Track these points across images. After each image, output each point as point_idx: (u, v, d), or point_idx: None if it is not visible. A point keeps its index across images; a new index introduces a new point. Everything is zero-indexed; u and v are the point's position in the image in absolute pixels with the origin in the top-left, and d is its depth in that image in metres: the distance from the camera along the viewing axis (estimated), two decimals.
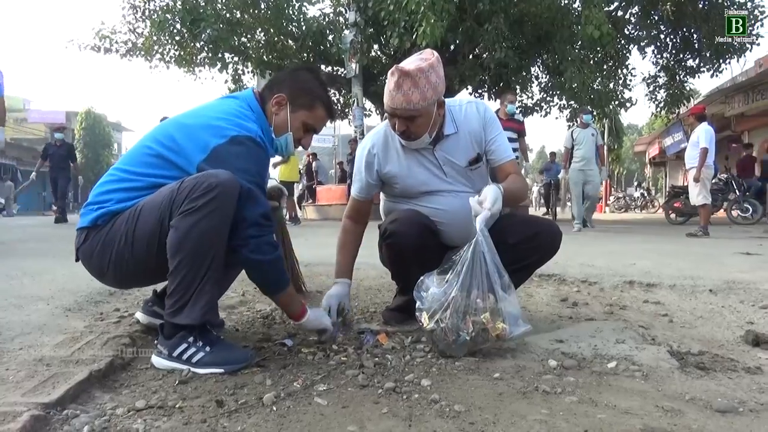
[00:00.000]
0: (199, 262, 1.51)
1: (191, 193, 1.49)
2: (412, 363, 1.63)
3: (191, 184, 1.50)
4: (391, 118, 1.92)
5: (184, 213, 1.49)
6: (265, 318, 2.23)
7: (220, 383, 1.45)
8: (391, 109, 1.86)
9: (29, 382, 1.32)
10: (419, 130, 1.91)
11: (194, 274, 1.51)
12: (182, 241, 1.49)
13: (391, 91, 1.83)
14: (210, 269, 1.52)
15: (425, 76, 1.80)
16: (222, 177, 1.50)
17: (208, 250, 1.51)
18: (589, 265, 3.68)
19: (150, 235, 1.56)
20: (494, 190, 1.79)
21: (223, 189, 1.49)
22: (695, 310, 2.48)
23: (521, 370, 1.56)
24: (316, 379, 1.47)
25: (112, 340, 1.70)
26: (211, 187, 1.48)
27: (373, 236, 2.17)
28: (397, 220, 1.96)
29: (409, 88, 1.79)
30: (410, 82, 1.79)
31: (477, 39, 10.99)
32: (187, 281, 1.51)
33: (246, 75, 13.68)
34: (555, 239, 2.04)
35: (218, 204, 1.49)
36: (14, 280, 2.80)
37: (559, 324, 2.16)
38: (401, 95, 1.80)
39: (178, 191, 1.52)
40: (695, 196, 7.36)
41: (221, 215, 1.50)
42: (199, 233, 1.49)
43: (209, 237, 1.50)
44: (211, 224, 1.49)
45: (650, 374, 1.53)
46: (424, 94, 1.80)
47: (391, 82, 1.82)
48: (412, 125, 1.88)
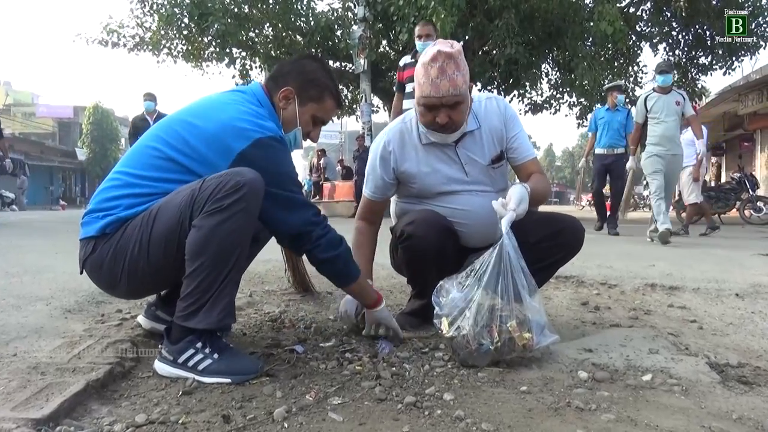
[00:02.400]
0: (222, 264, 1.41)
1: (215, 193, 1.39)
2: (432, 373, 1.52)
3: (215, 183, 1.40)
4: (428, 113, 1.79)
5: (209, 212, 1.39)
6: (273, 321, 2.12)
7: (227, 395, 1.34)
8: (435, 99, 1.73)
9: (21, 393, 1.23)
10: (460, 118, 1.81)
11: (215, 276, 1.41)
12: (206, 241, 1.39)
13: (434, 80, 1.71)
14: (232, 271, 1.43)
15: (462, 59, 1.73)
16: (248, 176, 1.41)
17: (232, 252, 1.42)
18: (607, 266, 3.56)
19: (168, 237, 1.44)
20: (520, 190, 1.68)
21: (250, 188, 1.40)
22: (724, 315, 2.36)
23: (550, 383, 1.45)
24: (329, 391, 1.36)
25: (113, 345, 1.60)
26: (238, 186, 1.39)
27: (382, 237, 2.06)
28: (414, 221, 1.85)
29: (454, 71, 1.70)
30: (454, 64, 1.70)
31: (487, 35, 10.86)
32: (207, 283, 1.40)
33: (254, 70, 13.61)
34: (578, 236, 1.94)
35: (245, 204, 1.40)
36: (14, 278, 2.71)
37: (584, 330, 2.05)
38: (447, 80, 1.70)
39: (200, 190, 1.41)
40: (688, 194, 7.29)
41: (248, 215, 1.42)
42: (224, 233, 1.39)
43: (235, 238, 1.41)
44: (237, 225, 1.40)
45: (690, 389, 1.41)
46: (465, 77, 1.74)
47: (434, 69, 1.70)
48: (455, 113, 1.77)
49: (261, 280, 2.98)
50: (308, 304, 2.45)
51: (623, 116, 7.06)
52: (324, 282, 2.94)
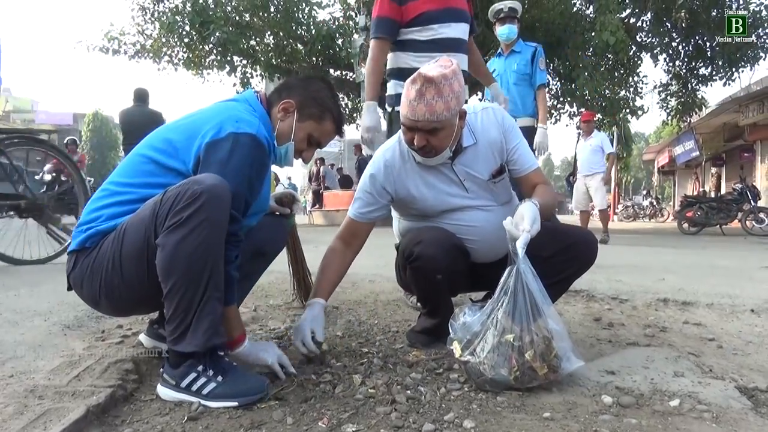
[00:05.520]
0: (195, 282, 1.32)
1: (174, 205, 1.31)
2: (449, 397, 1.45)
3: (174, 195, 1.32)
4: (408, 132, 1.71)
5: (170, 228, 1.30)
6: (279, 338, 2.05)
7: (234, 420, 1.28)
8: (410, 121, 1.65)
9: (18, 420, 1.15)
10: (441, 144, 1.70)
11: (191, 296, 1.32)
12: (172, 260, 1.30)
13: (411, 101, 1.62)
14: (208, 287, 1.33)
15: (449, 84, 1.60)
16: (207, 182, 1.32)
17: (203, 267, 1.32)
18: (616, 279, 3.50)
19: (138, 257, 1.37)
20: (532, 209, 1.61)
21: (210, 196, 1.30)
22: (742, 333, 2.30)
23: (573, 408, 1.38)
24: (343, 417, 1.29)
25: (114, 366, 1.53)
26: (195, 194, 1.30)
27: (382, 243, 1.98)
28: (422, 241, 1.76)
29: (433, 96, 1.59)
30: (434, 90, 1.58)
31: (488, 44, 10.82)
32: (185, 304, 1.32)
33: (254, 78, 13.59)
34: (591, 249, 1.87)
35: (207, 213, 1.30)
36: (11, 291, 2.63)
37: (600, 349, 1.98)
38: (423, 105, 1.60)
39: (161, 204, 1.33)
40: (600, 200, 7.35)
41: (212, 225, 1.32)
42: (188, 250, 1.30)
43: (202, 251, 1.31)
44: (202, 237, 1.30)
45: (721, 416, 1.34)
46: (448, 103, 1.60)
47: (412, 91, 1.61)
48: (434, 139, 1.68)
49: (265, 294, 2.91)
50: None
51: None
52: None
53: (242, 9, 11.98)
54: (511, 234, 1.55)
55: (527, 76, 4.48)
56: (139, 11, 12.54)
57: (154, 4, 12.35)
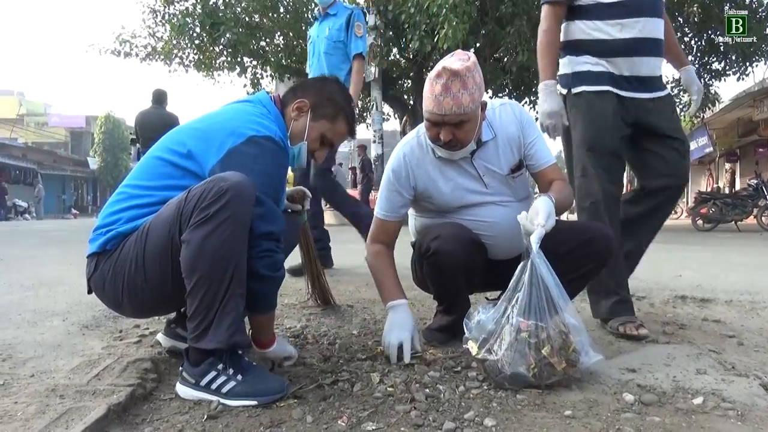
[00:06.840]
0: (218, 278, 1.32)
1: (200, 202, 1.32)
2: (468, 395, 1.44)
3: (199, 192, 1.33)
4: (432, 128, 1.71)
5: (195, 224, 1.31)
6: (296, 337, 2.05)
7: (254, 419, 1.27)
8: (437, 116, 1.65)
9: (40, 419, 1.16)
10: (466, 137, 1.71)
11: (215, 292, 1.33)
12: (196, 256, 1.31)
13: (437, 96, 1.62)
14: (232, 284, 1.34)
15: (472, 76, 1.61)
16: (233, 179, 1.33)
17: (227, 263, 1.33)
18: (633, 276, 3.45)
19: (161, 255, 1.39)
20: (547, 203, 1.61)
21: (235, 192, 1.32)
22: (762, 330, 2.26)
23: (594, 406, 1.36)
24: (362, 416, 1.29)
25: (132, 365, 1.54)
26: (221, 191, 1.31)
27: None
28: (440, 236, 1.75)
29: (459, 89, 1.59)
30: (459, 82, 1.59)
31: (499, 42, 10.79)
32: (208, 300, 1.33)
33: (265, 79, 13.64)
34: (610, 244, 1.84)
35: (232, 210, 1.31)
36: (30, 291, 2.66)
37: (619, 347, 1.95)
38: (450, 98, 1.60)
39: (186, 201, 1.35)
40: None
41: (236, 222, 1.33)
42: (214, 245, 1.31)
43: (226, 248, 1.32)
44: (226, 234, 1.31)
45: (746, 414, 1.32)
46: (473, 95, 1.62)
47: (438, 85, 1.61)
48: (460, 132, 1.68)
49: (279, 293, 2.90)
50: (330, 318, 2.37)
51: None
52: (344, 295, 2.88)
53: (252, 10, 12.02)
54: (525, 228, 1.55)
55: (341, 43, 3.74)
56: (150, 14, 12.63)
57: (164, 6, 12.43)
